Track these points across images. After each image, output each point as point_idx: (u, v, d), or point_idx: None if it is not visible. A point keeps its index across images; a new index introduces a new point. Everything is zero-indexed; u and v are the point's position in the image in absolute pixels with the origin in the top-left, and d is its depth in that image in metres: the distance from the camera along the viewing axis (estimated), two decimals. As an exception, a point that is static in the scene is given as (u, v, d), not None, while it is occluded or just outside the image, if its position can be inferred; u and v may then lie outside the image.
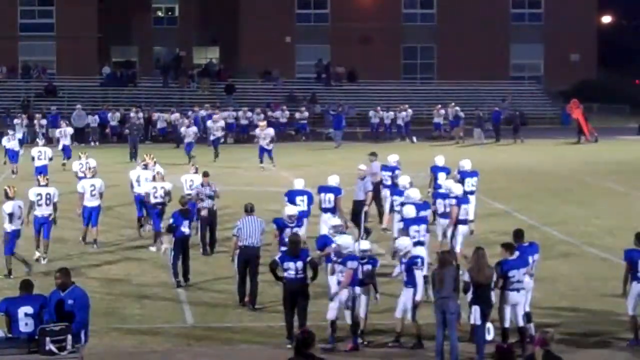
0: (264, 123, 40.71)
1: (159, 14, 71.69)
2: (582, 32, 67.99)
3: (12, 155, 36.94)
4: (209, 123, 44.74)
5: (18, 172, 35.44)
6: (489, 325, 14.88)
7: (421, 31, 68.45)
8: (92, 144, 48.16)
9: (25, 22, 65.33)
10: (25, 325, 13.11)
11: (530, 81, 68.82)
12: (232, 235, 18.43)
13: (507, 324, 15.32)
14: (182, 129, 41.85)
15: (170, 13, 71.69)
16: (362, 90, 62.91)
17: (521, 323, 15.41)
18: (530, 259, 15.98)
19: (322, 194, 21.76)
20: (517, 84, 67.38)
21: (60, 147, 38.69)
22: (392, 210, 22.42)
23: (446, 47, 67.55)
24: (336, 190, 21.74)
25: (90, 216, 23.32)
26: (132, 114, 49.24)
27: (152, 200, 23.20)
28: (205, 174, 23.26)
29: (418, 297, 15.70)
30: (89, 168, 26.25)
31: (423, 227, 18.62)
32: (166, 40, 69.39)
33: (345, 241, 16.31)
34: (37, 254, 21.61)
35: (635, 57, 73.02)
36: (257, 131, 38.91)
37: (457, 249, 19.82)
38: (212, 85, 62.73)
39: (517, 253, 15.62)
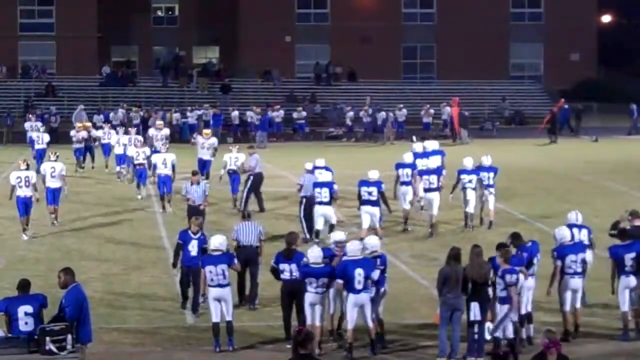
0: (209, 131, 34.18)
1: (159, 13, 71.67)
2: (582, 31, 67.99)
3: (33, 143, 38.06)
4: (150, 131, 37.00)
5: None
6: (488, 324, 14.90)
7: (421, 31, 68.47)
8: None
9: (25, 22, 65.35)
10: (25, 324, 13.13)
11: (530, 81, 68.84)
12: (232, 240, 18.16)
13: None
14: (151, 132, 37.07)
15: (170, 13, 71.69)
16: (362, 90, 62.89)
17: (515, 319, 15.44)
18: (535, 259, 16.08)
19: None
20: (517, 84, 67.40)
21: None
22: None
23: (446, 46, 67.56)
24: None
25: (53, 196, 25.48)
26: (132, 114, 49.26)
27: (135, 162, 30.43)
28: (195, 173, 24.23)
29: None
30: (93, 139, 37.10)
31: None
32: (166, 40, 69.41)
33: (371, 241, 16.13)
34: (24, 237, 23.82)
35: (635, 57, 73.03)
36: (200, 139, 32.67)
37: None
38: (211, 85, 62.73)
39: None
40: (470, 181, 24.73)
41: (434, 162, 26.11)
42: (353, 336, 15.20)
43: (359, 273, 15.10)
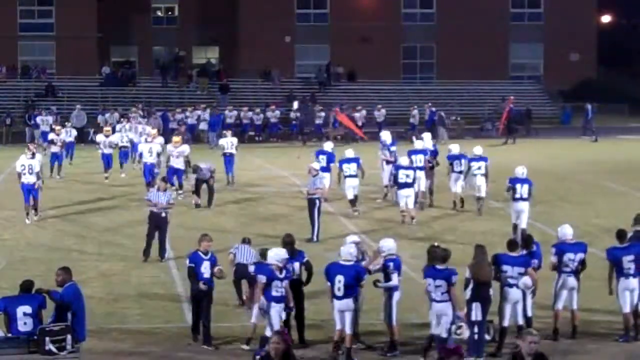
0: (179, 139, 30.52)
1: (159, 13, 71.68)
2: (582, 31, 68.02)
3: (44, 136, 38.15)
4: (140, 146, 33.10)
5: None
6: (488, 324, 14.89)
7: (421, 31, 68.47)
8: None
9: (25, 22, 65.36)
10: (24, 324, 13.15)
11: (530, 81, 68.81)
12: (229, 253, 17.83)
13: (506, 323, 15.31)
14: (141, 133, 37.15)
15: (170, 13, 71.70)
16: (361, 90, 62.89)
17: (521, 322, 15.41)
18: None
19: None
20: (517, 84, 67.38)
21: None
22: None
23: (446, 46, 67.57)
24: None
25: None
26: (131, 114, 49.27)
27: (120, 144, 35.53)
28: (164, 180, 23.32)
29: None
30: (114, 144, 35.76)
31: None
32: (166, 40, 69.41)
33: (387, 244, 15.85)
34: (27, 221, 25.52)
35: (635, 57, 73.03)
36: (170, 148, 30.04)
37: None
38: (211, 85, 62.68)
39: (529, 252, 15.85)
40: (479, 168, 26.66)
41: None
42: (339, 336, 15.10)
43: (339, 280, 14.97)
